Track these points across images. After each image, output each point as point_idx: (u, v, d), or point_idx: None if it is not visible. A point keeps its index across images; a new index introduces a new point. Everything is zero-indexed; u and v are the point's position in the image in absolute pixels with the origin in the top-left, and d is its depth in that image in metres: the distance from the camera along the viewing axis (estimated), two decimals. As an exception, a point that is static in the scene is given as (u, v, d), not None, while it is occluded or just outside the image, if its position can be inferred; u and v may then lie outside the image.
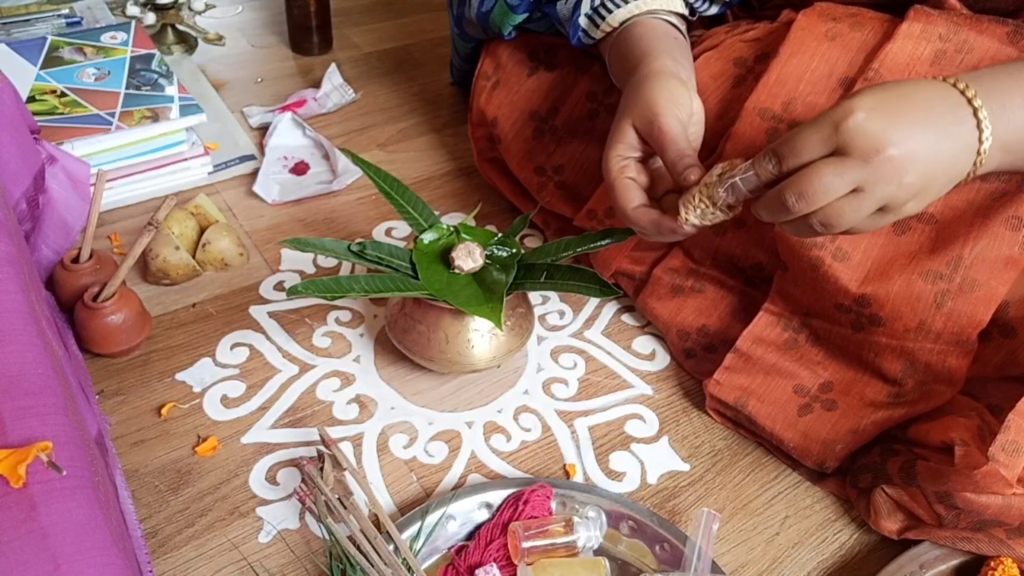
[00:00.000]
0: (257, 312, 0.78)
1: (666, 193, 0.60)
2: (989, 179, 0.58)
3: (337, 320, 0.78)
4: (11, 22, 1.12)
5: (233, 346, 0.75)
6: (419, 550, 0.58)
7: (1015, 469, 0.52)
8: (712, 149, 0.73)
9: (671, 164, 0.57)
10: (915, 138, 0.48)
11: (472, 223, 0.73)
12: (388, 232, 0.90)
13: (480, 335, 0.68)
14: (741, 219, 0.71)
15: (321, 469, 0.62)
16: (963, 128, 0.50)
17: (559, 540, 0.58)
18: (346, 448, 0.67)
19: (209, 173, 0.95)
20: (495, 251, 0.70)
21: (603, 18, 0.70)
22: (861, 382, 0.64)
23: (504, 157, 0.87)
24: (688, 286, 0.75)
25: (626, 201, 0.59)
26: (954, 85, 0.51)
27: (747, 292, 0.73)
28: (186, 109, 0.92)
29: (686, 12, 0.72)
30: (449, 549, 0.60)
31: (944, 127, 0.50)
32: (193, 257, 0.81)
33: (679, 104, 0.59)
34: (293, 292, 0.63)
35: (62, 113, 0.88)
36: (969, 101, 0.50)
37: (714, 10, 0.78)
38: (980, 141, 0.50)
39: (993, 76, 0.52)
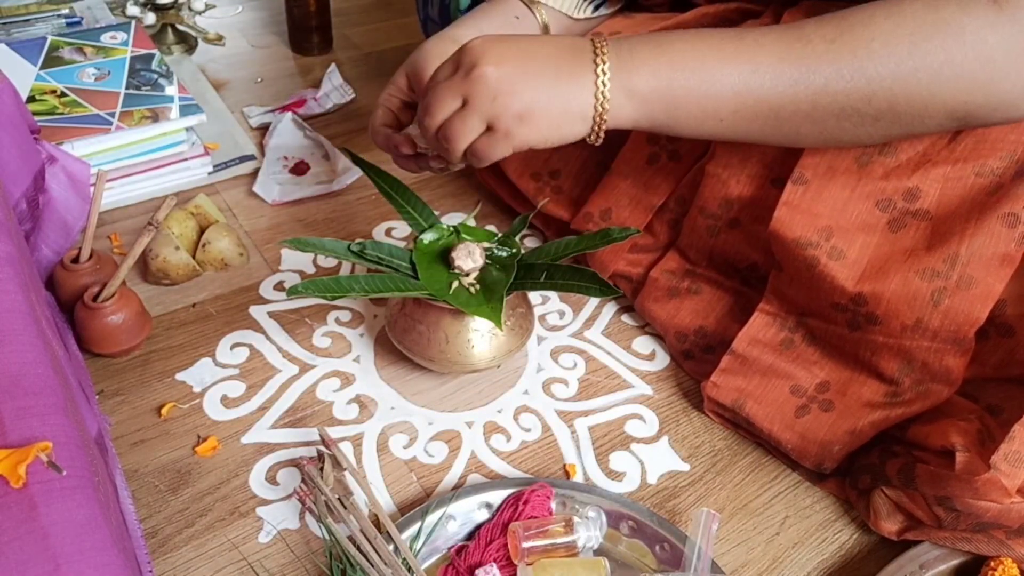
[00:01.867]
0: (257, 312, 0.78)
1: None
2: (983, 174, 0.58)
3: (337, 320, 0.78)
4: (11, 22, 1.12)
5: (233, 346, 0.75)
6: (419, 550, 0.58)
7: (1016, 480, 0.52)
8: (705, 148, 0.73)
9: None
10: (514, 60, 0.54)
11: (472, 223, 0.73)
12: (388, 232, 0.90)
13: (480, 335, 0.68)
14: (735, 219, 0.71)
15: (321, 469, 0.62)
16: (579, 70, 0.55)
17: (559, 540, 0.58)
18: (346, 448, 0.67)
19: (209, 173, 0.95)
20: (495, 251, 0.70)
21: None
22: (858, 382, 0.64)
23: (500, 163, 0.87)
24: (684, 288, 0.76)
25: (374, 119, 0.67)
26: (592, 39, 0.56)
27: (743, 292, 0.73)
28: (186, 109, 0.92)
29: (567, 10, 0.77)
30: (449, 549, 0.60)
31: (556, 66, 0.55)
32: (193, 257, 0.81)
33: (443, 56, 0.62)
34: (293, 292, 0.63)
35: (62, 113, 0.88)
36: (595, 50, 0.55)
37: None
38: (598, 82, 0.54)
39: (632, 37, 0.57)
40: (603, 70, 0.54)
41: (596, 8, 0.80)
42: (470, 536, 0.61)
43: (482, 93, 0.54)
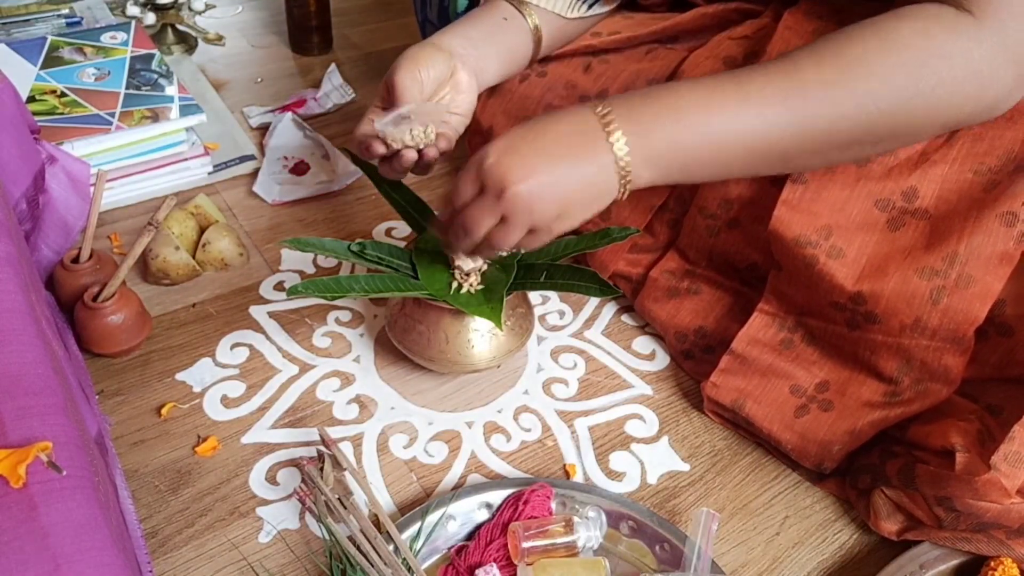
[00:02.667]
0: (257, 312, 0.78)
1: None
2: (981, 172, 0.58)
3: (337, 320, 0.78)
4: (11, 22, 1.12)
5: (233, 346, 0.75)
6: (419, 550, 0.58)
7: (1016, 480, 0.52)
8: None
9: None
10: (539, 172, 0.55)
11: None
12: (388, 232, 0.90)
13: (480, 335, 0.68)
14: (735, 219, 0.71)
15: (321, 469, 0.62)
16: (597, 151, 0.56)
17: (559, 540, 0.58)
18: (346, 448, 0.67)
19: (209, 173, 0.95)
20: (495, 251, 0.70)
21: None
22: (856, 381, 0.63)
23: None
24: (684, 288, 0.75)
25: (357, 128, 0.67)
26: (594, 111, 0.57)
27: (743, 292, 0.73)
28: (186, 109, 0.92)
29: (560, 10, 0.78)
30: (449, 549, 0.60)
31: (574, 154, 0.56)
32: (193, 257, 0.81)
33: (419, 62, 0.66)
34: (293, 292, 0.63)
35: (62, 113, 0.88)
36: (604, 125, 0.56)
37: None
38: (617, 158, 0.56)
39: (632, 97, 0.58)
40: (620, 146, 0.56)
41: (590, 7, 0.80)
42: (470, 536, 0.61)
43: (520, 210, 0.56)
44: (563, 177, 0.56)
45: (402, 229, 0.91)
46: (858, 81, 0.54)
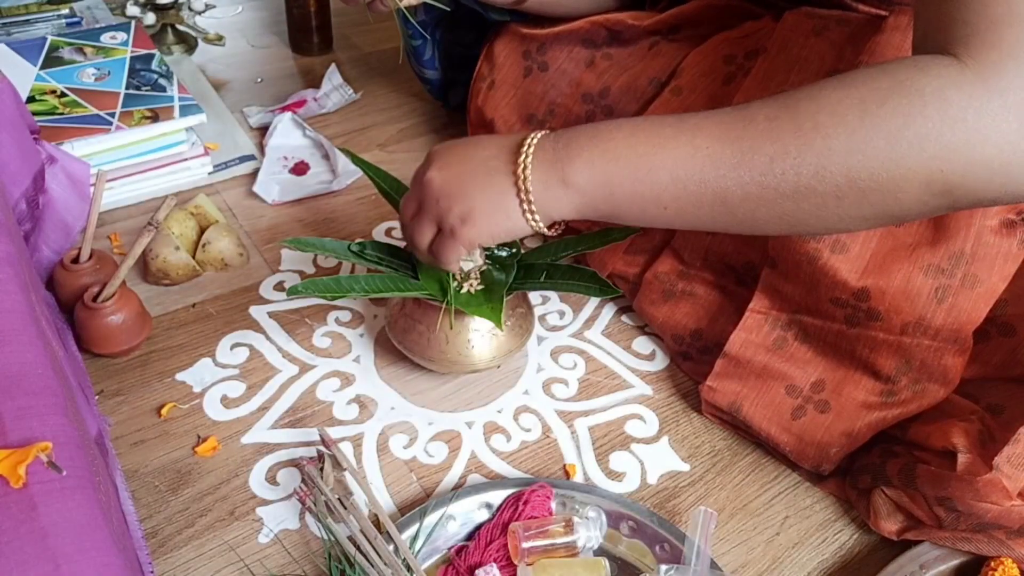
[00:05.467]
0: (257, 312, 0.78)
1: None
2: None
3: (337, 320, 0.78)
4: (11, 22, 1.12)
5: (233, 346, 0.75)
6: (419, 550, 0.58)
7: (1018, 482, 0.52)
8: None
9: None
10: (455, 165, 0.58)
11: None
12: (388, 232, 0.90)
13: (480, 335, 0.68)
14: None
15: (321, 469, 0.62)
16: (503, 161, 0.57)
17: (559, 540, 0.58)
18: (346, 448, 0.67)
19: (209, 173, 0.95)
20: (495, 251, 0.70)
21: None
22: (852, 380, 0.63)
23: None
24: (679, 290, 0.75)
25: None
26: (522, 139, 0.57)
27: (738, 292, 0.73)
28: (186, 109, 0.92)
29: None
30: (449, 549, 0.60)
31: (488, 160, 0.57)
32: (193, 257, 0.81)
33: None
34: (293, 292, 0.63)
35: (62, 113, 0.88)
36: (522, 145, 0.56)
37: None
38: (517, 176, 0.55)
39: (581, 129, 0.56)
40: (525, 165, 0.55)
41: None
42: (470, 536, 0.61)
43: (429, 196, 0.58)
44: (471, 180, 0.57)
45: (402, 229, 0.91)
46: (803, 115, 0.48)
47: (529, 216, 0.56)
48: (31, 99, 0.90)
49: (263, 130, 1.04)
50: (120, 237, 0.85)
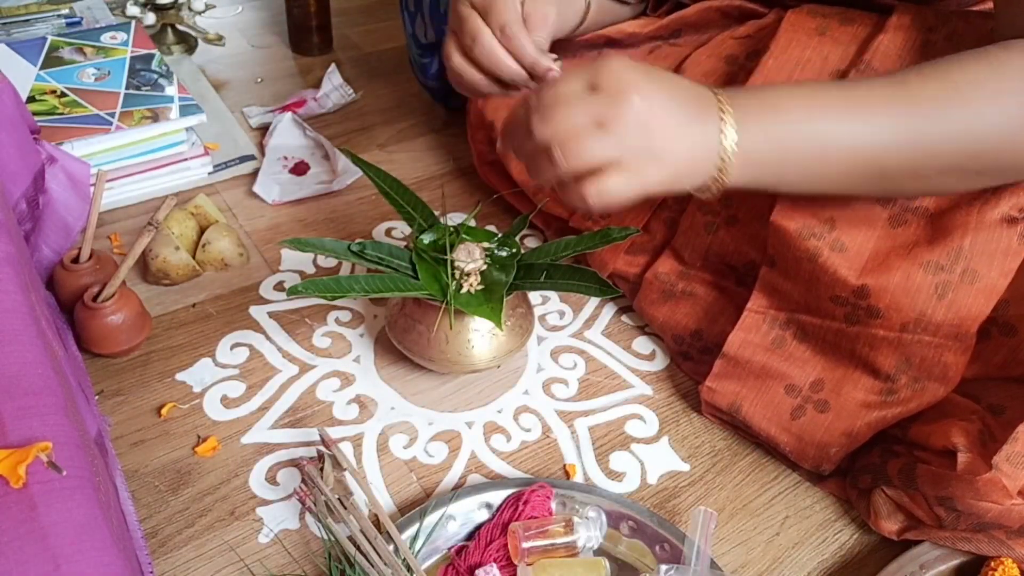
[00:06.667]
0: (257, 312, 0.78)
1: None
2: None
3: (337, 320, 0.78)
4: (11, 22, 1.12)
5: (233, 346, 0.75)
6: (419, 550, 0.58)
7: (1018, 481, 0.52)
8: None
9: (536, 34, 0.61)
10: (660, 95, 0.51)
11: (472, 223, 0.73)
12: (388, 232, 0.90)
13: (480, 335, 0.68)
14: (733, 216, 0.71)
15: (321, 469, 0.62)
16: (707, 124, 0.52)
17: (559, 540, 0.58)
18: (346, 448, 0.67)
19: (209, 173, 0.95)
20: (495, 251, 0.70)
21: None
22: (852, 379, 0.63)
23: (503, 160, 0.87)
24: (679, 290, 0.75)
25: (513, 12, 0.61)
26: (713, 92, 0.53)
27: (739, 292, 0.73)
28: (186, 109, 0.92)
29: None
30: (449, 549, 0.60)
31: (689, 111, 0.52)
32: (193, 257, 0.81)
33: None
34: (293, 292, 0.63)
35: (62, 113, 0.88)
36: (720, 107, 0.52)
37: None
38: (722, 144, 0.52)
39: (751, 93, 0.55)
40: (729, 131, 0.52)
41: None
42: (470, 536, 0.61)
43: (627, 119, 0.50)
44: (676, 118, 0.51)
45: (402, 229, 0.91)
46: (967, 101, 0.52)
47: (712, 181, 0.53)
48: (31, 99, 0.90)
49: (263, 130, 1.04)
50: (120, 237, 0.85)
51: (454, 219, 0.90)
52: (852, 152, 0.53)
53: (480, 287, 0.67)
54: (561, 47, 0.83)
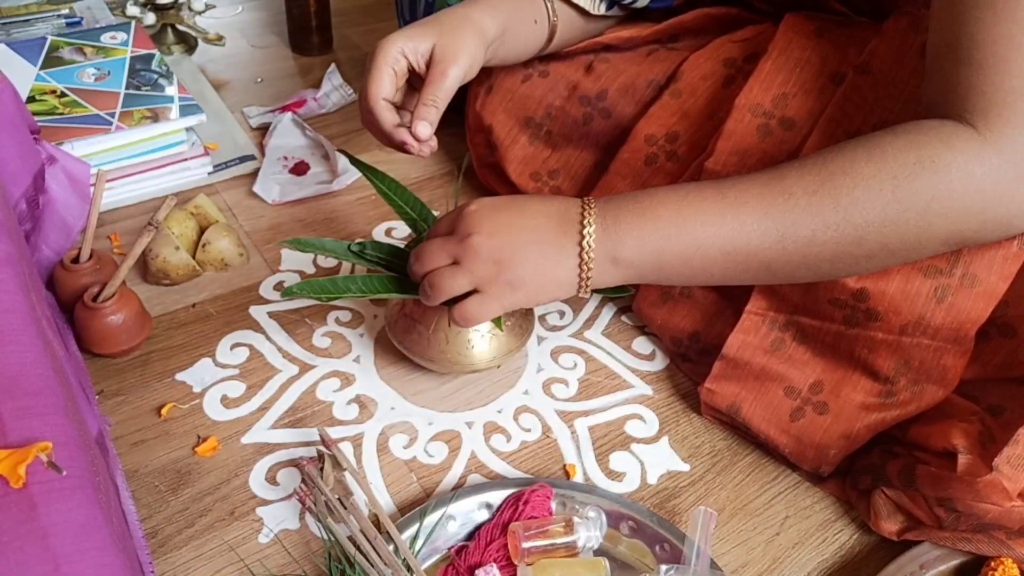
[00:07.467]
0: (257, 312, 0.78)
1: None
2: None
3: (337, 320, 0.78)
4: (11, 22, 1.12)
5: (233, 346, 0.75)
6: (419, 550, 0.58)
7: (1018, 483, 0.52)
8: (703, 148, 0.73)
9: (425, 95, 0.64)
10: (504, 233, 0.58)
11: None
12: (388, 232, 0.90)
13: (480, 335, 0.68)
14: None
15: (321, 469, 0.62)
16: (566, 235, 0.58)
17: (559, 540, 0.58)
18: (346, 448, 0.67)
19: (209, 173, 0.95)
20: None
21: None
22: (850, 381, 0.63)
23: (501, 163, 0.88)
24: (677, 292, 0.75)
25: (379, 88, 0.65)
26: (581, 201, 0.59)
27: (737, 294, 0.73)
28: (186, 109, 0.92)
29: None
30: (449, 549, 0.60)
31: (544, 234, 0.58)
32: (193, 257, 0.81)
33: (474, 64, 0.66)
34: (288, 294, 0.63)
35: (62, 113, 0.88)
36: (582, 215, 0.58)
37: (643, 1, 0.79)
38: (583, 249, 0.57)
39: (616, 199, 0.59)
40: (589, 237, 0.57)
41: (610, 7, 0.79)
42: (470, 536, 0.61)
43: (471, 257, 0.58)
44: (524, 250, 0.58)
45: (402, 229, 0.91)
46: (842, 190, 0.53)
47: (583, 287, 0.59)
48: (31, 99, 0.90)
49: (263, 130, 1.04)
50: (120, 237, 0.85)
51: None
52: (730, 251, 0.56)
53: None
54: (558, 55, 0.83)
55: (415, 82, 0.68)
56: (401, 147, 0.65)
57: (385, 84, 0.65)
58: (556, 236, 0.58)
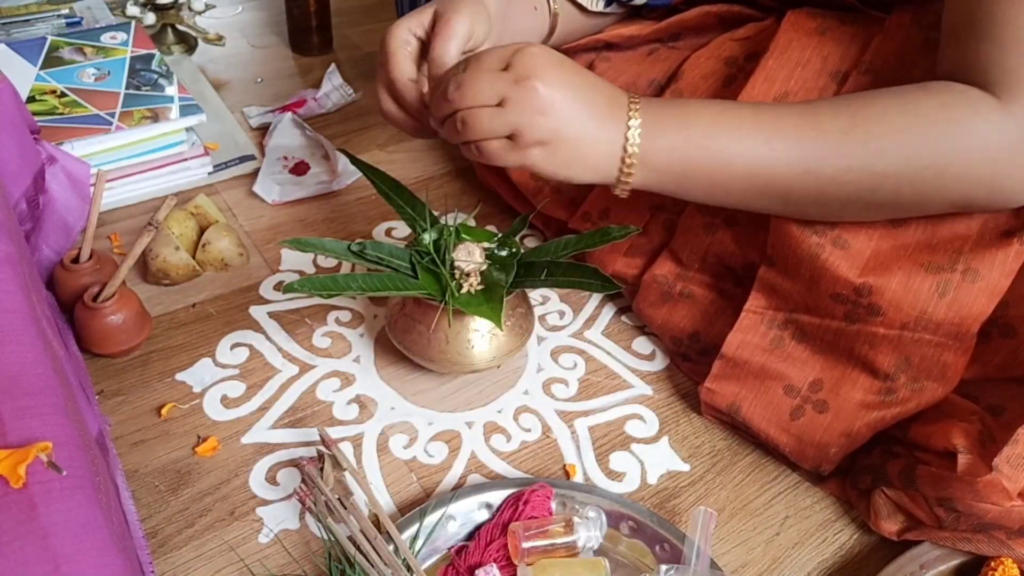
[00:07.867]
0: (257, 312, 0.78)
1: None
2: None
3: (337, 320, 0.78)
4: (11, 22, 1.12)
5: (233, 346, 0.75)
6: (419, 550, 0.58)
7: (1018, 483, 0.52)
8: None
9: (435, 47, 0.61)
10: (564, 91, 0.54)
11: (472, 223, 0.73)
12: (388, 232, 0.90)
13: (480, 335, 0.68)
14: (732, 217, 0.71)
15: (321, 469, 0.62)
16: (615, 121, 0.56)
17: (559, 540, 0.58)
18: (346, 448, 0.67)
19: (209, 173, 0.95)
20: (495, 251, 0.70)
21: None
22: (850, 379, 0.63)
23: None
24: (677, 292, 0.75)
25: (399, 69, 0.63)
26: (628, 96, 0.57)
27: (736, 294, 0.73)
28: (186, 109, 0.92)
29: None
30: (449, 549, 0.60)
31: (595, 108, 0.55)
32: (193, 257, 0.81)
33: (477, 22, 0.63)
34: (289, 289, 0.63)
35: (62, 113, 0.88)
36: (630, 110, 0.56)
37: None
38: (627, 142, 0.56)
39: (664, 104, 0.58)
40: (634, 131, 0.56)
41: (608, 4, 0.79)
42: (470, 536, 0.61)
43: (524, 103, 0.54)
44: (577, 111, 0.55)
45: (402, 229, 0.91)
46: (872, 136, 0.54)
47: (617, 181, 0.57)
48: (31, 99, 0.90)
49: (263, 130, 1.04)
50: (120, 237, 0.85)
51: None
52: (753, 171, 0.56)
53: (480, 287, 0.67)
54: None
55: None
56: (432, 132, 0.63)
57: (404, 63, 0.63)
58: (604, 119, 0.56)
